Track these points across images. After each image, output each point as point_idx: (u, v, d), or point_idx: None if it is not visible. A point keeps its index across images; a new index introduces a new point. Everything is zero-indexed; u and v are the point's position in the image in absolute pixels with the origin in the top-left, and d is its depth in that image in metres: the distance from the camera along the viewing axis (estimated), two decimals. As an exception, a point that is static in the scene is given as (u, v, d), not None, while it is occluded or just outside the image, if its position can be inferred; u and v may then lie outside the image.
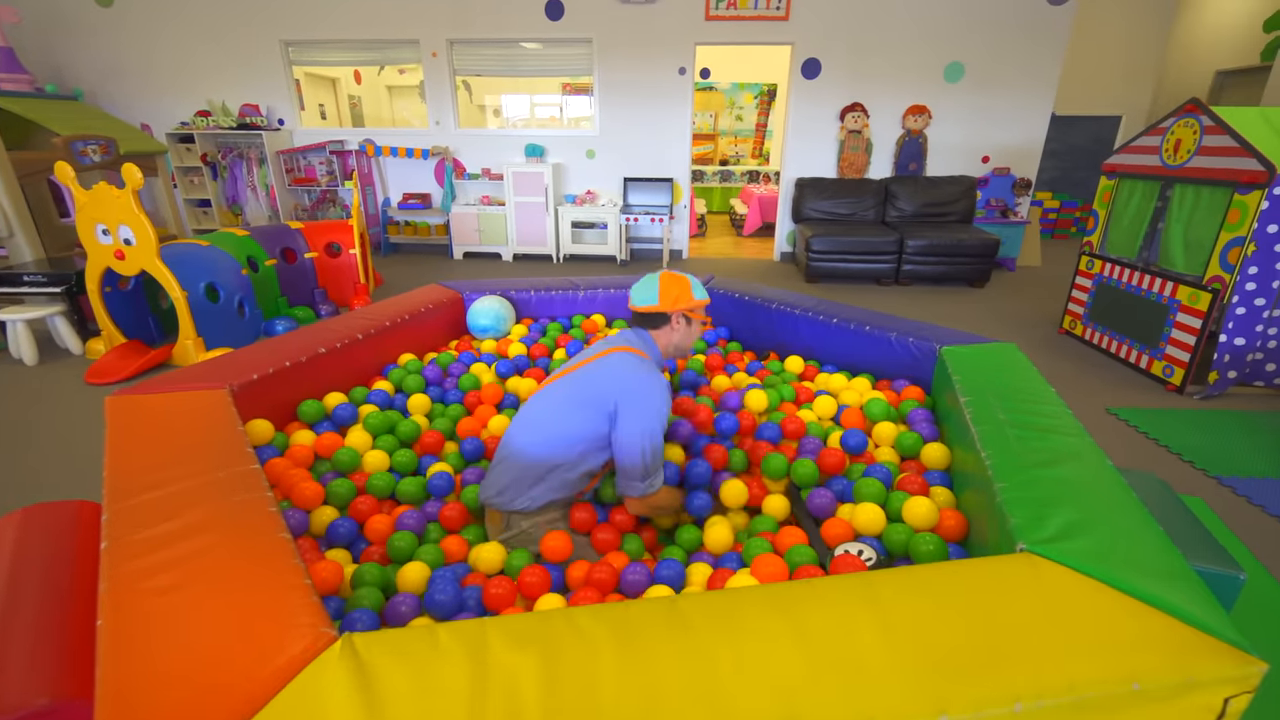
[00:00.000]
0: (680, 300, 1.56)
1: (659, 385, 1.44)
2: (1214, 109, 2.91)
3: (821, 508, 1.49)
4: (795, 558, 1.30)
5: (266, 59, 5.88)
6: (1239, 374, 2.96)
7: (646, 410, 1.41)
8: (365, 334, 2.07)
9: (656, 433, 1.41)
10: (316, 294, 4.25)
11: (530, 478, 1.46)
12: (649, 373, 1.46)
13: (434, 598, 1.20)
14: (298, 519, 1.41)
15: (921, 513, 1.35)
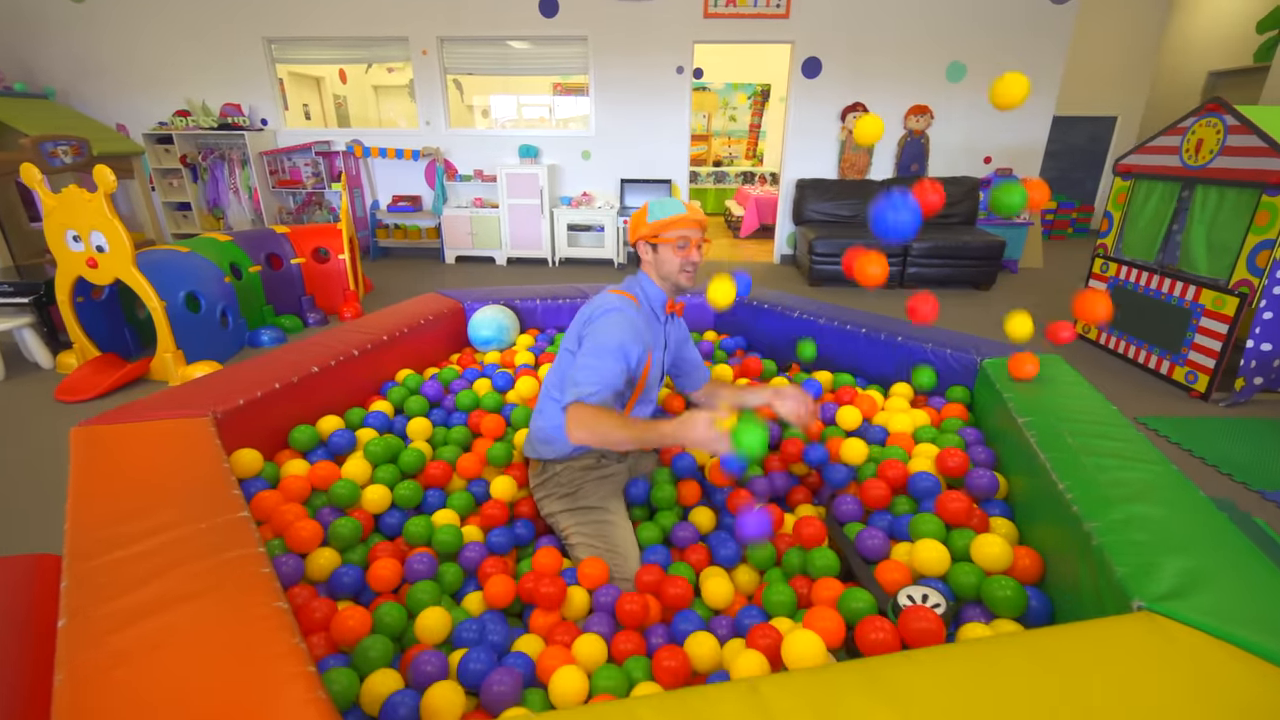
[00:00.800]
0: (637, 228, 1.47)
1: (613, 310, 1.39)
2: (1240, 108, 2.82)
3: (875, 549, 1.35)
4: (852, 605, 1.16)
5: (249, 57, 5.67)
6: (1265, 380, 2.88)
7: (594, 333, 1.37)
8: (361, 350, 1.91)
9: (602, 350, 1.33)
10: (304, 302, 4.06)
11: (551, 430, 1.49)
12: (606, 300, 1.42)
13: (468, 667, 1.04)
14: (292, 565, 1.25)
15: (995, 554, 1.21)
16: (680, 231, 1.42)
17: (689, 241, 1.43)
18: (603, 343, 1.34)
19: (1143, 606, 0.87)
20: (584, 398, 1.28)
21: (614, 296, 1.44)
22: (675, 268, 1.44)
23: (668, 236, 1.42)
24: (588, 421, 1.26)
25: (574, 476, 1.50)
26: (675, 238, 1.42)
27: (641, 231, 1.45)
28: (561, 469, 1.51)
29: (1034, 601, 1.14)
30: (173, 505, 1.06)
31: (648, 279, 1.50)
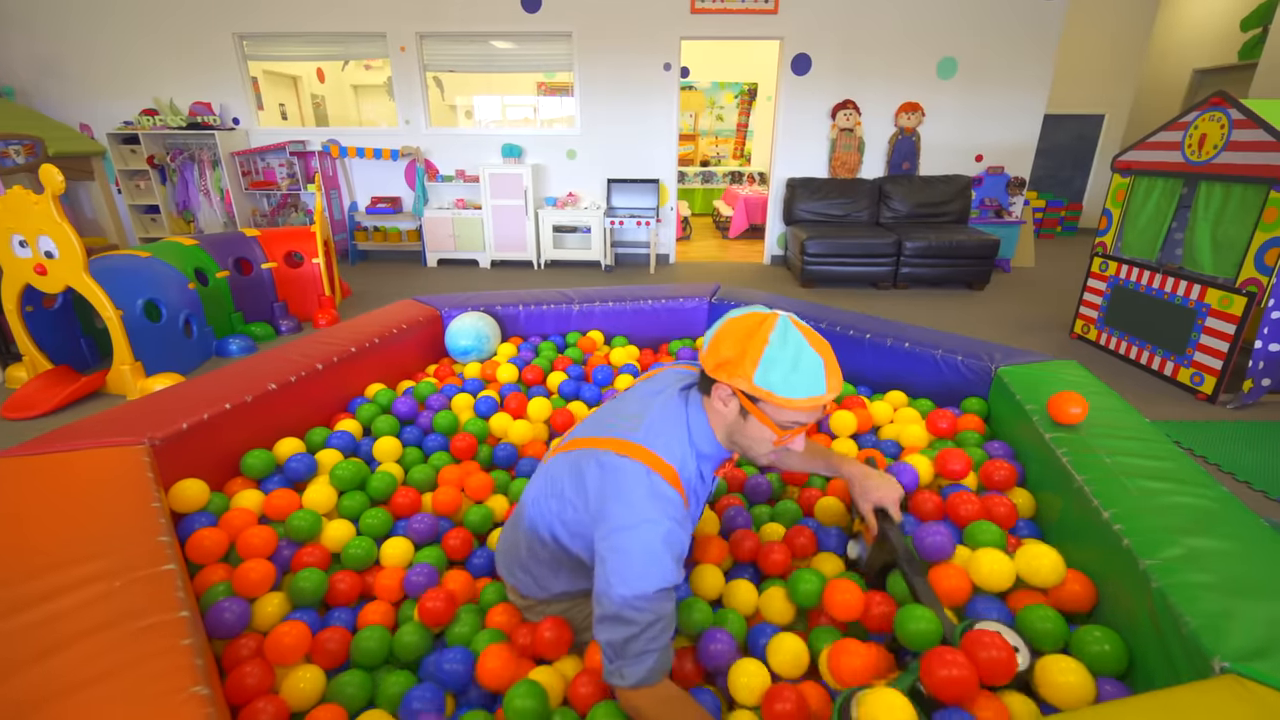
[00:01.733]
0: (730, 368, 0.89)
1: (645, 522, 0.88)
2: (1244, 101, 2.74)
3: (938, 547, 1.15)
4: (911, 627, 0.98)
5: (219, 54, 5.45)
6: (1274, 382, 2.80)
7: (624, 559, 0.88)
8: (326, 363, 1.74)
9: (634, 596, 0.86)
10: (276, 308, 3.87)
11: (535, 569, 1.11)
12: (629, 487, 0.90)
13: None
14: (237, 612, 1.09)
15: (1048, 565, 1.06)
16: (802, 417, 0.91)
17: (801, 428, 0.94)
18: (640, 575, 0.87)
19: (1226, 668, 0.74)
20: (632, 685, 0.86)
21: (643, 478, 0.90)
22: (763, 451, 0.96)
23: (777, 418, 0.90)
24: (634, 703, 0.88)
25: (562, 607, 1.14)
26: (785, 429, 0.92)
27: (739, 384, 0.89)
28: (556, 604, 1.14)
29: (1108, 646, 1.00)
30: (84, 559, 0.90)
31: (707, 431, 0.98)
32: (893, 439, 1.63)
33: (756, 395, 0.88)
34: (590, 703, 0.98)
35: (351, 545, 1.29)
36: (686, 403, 1.00)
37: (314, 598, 1.18)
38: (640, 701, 0.87)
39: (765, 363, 0.86)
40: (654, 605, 0.86)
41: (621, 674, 0.87)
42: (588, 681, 1.01)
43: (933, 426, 1.60)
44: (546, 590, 1.11)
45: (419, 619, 1.16)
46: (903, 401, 1.81)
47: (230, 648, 1.03)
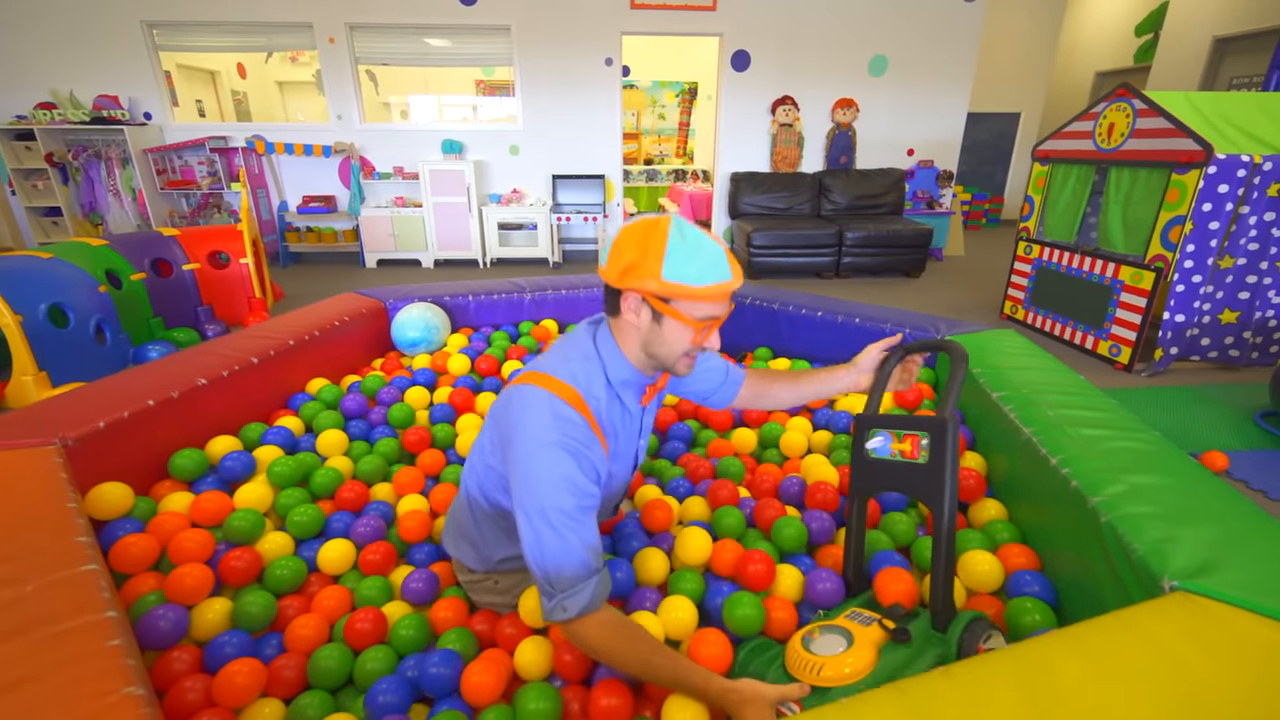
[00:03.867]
0: (636, 272, 0.86)
1: (547, 445, 0.86)
2: (1146, 92, 2.96)
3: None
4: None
5: (125, 43, 5.06)
6: (1181, 350, 3.04)
7: (530, 486, 0.86)
8: (262, 357, 1.63)
9: (551, 525, 0.84)
10: (201, 312, 3.62)
11: (475, 535, 1.08)
12: (532, 414, 0.88)
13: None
14: (172, 619, 0.99)
15: (983, 570, 1.09)
16: (713, 309, 0.90)
17: (714, 321, 0.91)
18: (548, 499, 0.84)
19: (1175, 586, 0.79)
20: (576, 614, 0.83)
21: (543, 401, 0.89)
22: (680, 352, 0.92)
23: (691, 312, 0.88)
24: (587, 645, 0.86)
25: (512, 581, 1.11)
26: (702, 320, 0.89)
27: (647, 285, 0.86)
28: (497, 577, 1.12)
29: (1037, 586, 1.05)
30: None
31: (616, 354, 0.95)
32: (846, 410, 1.67)
33: (667, 293, 0.86)
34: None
35: (281, 564, 1.18)
36: (595, 332, 0.98)
37: (261, 620, 1.07)
38: (586, 631, 0.84)
39: (670, 257, 0.85)
40: (575, 526, 0.85)
41: (564, 606, 0.83)
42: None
43: (900, 399, 1.64)
44: (488, 560, 1.08)
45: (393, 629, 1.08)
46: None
47: (164, 660, 0.93)
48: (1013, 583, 1.07)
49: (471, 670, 0.93)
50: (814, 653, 0.82)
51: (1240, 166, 2.70)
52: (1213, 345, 3.07)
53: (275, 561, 1.18)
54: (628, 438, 1.03)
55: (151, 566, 1.13)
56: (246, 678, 0.87)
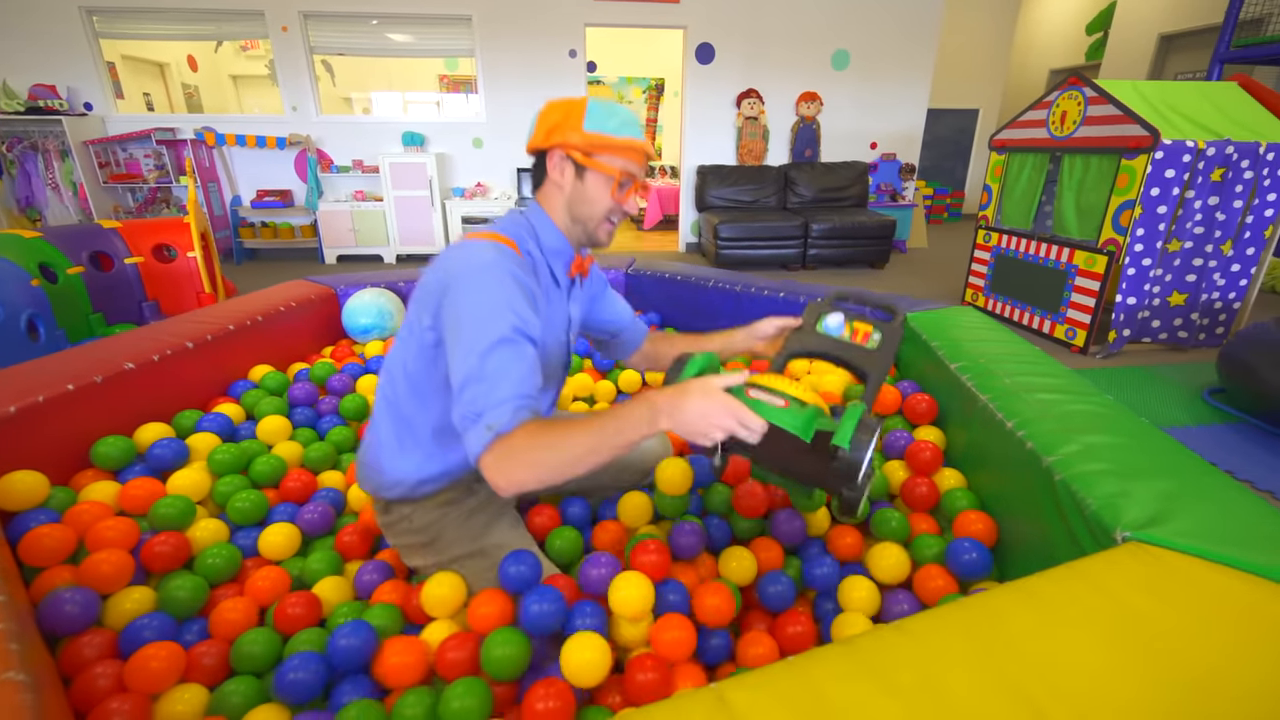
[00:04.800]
0: (559, 130, 0.92)
1: (488, 265, 0.86)
2: (1096, 81, 3.04)
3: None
4: None
5: (63, 30, 4.82)
6: (1133, 332, 3.13)
7: (470, 309, 0.83)
8: (198, 341, 1.54)
9: (491, 335, 0.81)
10: (145, 308, 3.46)
11: (385, 458, 1.02)
12: (472, 252, 0.88)
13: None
14: (81, 603, 0.91)
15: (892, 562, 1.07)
16: (629, 163, 0.95)
17: (633, 180, 0.97)
18: (487, 323, 0.82)
19: (1128, 537, 0.78)
20: (503, 429, 0.77)
21: (484, 244, 0.89)
22: (602, 211, 0.96)
23: (610, 163, 0.94)
24: (525, 459, 0.77)
25: (428, 519, 1.04)
26: (619, 170, 0.94)
27: (570, 139, 0.92)
28: (410, 510, 1.05)
29: (975, 554, 1.04)
30: None
31: (545, 219, 0.99)
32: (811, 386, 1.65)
33: (589, 145, 0.93)
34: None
35: (214, 551, 1.11)
36: (523, 209, 1.03)
37: (189, 606, 1.00)
38: (516, 442, 0.77)
39: (590, 114, 0.93)
40: (511, 354, 0.82)
41: (489, 425, 0.77)
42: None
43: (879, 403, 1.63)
44: (395, 477, 1.01)
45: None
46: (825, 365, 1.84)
47: (73, 645, 0.86)
48: (952, 549, 1.06)
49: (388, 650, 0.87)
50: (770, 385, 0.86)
51: (1185, 152, 2.78)
52: (1163, 327, 3.17)
53: (207, 549, 1.11)
54: (557, 317, 1.06)
55: (71, 559, 1.05)
56: (162, 662, 0.81)
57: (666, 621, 0.91)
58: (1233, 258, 3.07)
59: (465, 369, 0.80)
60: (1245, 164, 2.86)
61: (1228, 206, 2.95)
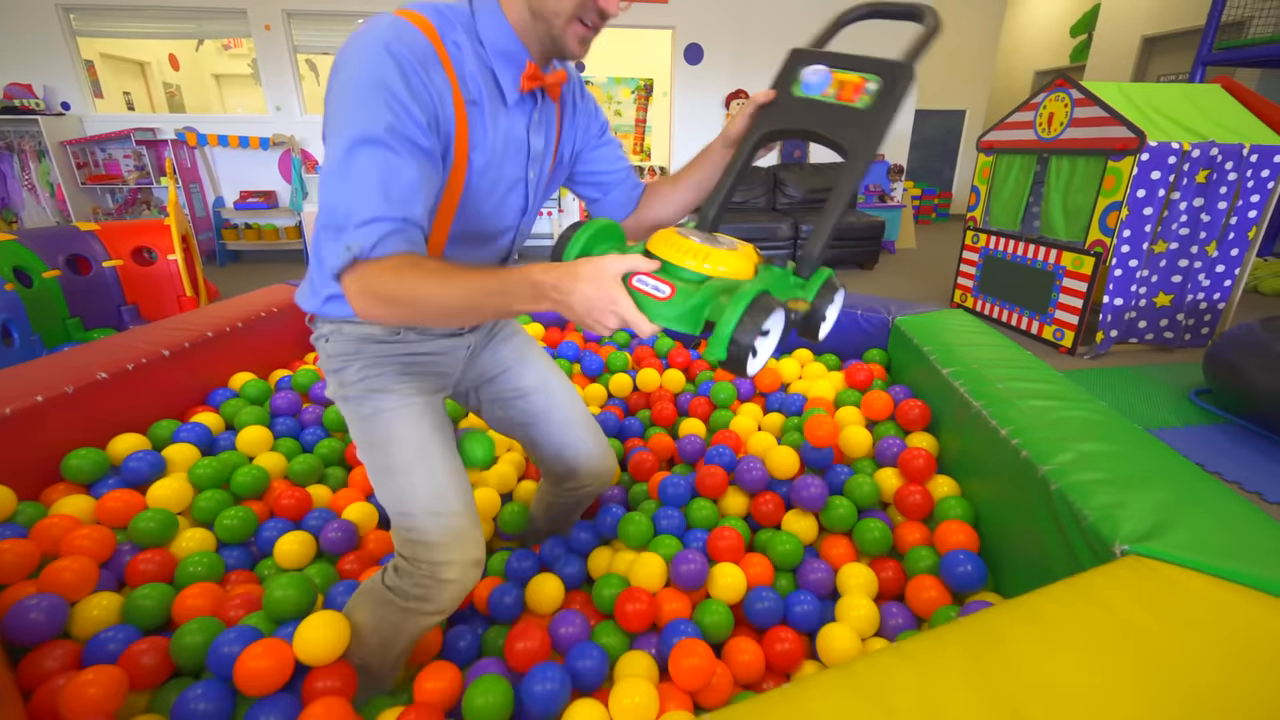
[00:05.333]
0: None
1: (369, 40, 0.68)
2: (1083, 83, 3.05)
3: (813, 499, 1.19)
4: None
5: (39, 29, 4.71)
6: (1120, 332, 3.15)
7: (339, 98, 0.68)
8: (175, 349, 1.50)
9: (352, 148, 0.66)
10: (125, 312, 3.38)
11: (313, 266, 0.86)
12: (367, 27, 0.69)
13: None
14: (45, 609, 0.89)
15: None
16: None
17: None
18: (354, 114, 0.67)
19: (1127, 550, 0.77)
20: (363, 254, 0.66)
21: (378, 21, 0.70)
22: (571, 6, 0.74)
23: None
24: (386, 294, 0.67)
25: (343, 347, 0.88)
26: None
27: None
28: (330, 331, 0.88)
29: (970, 566, 1.04)
30: None
31: (493, 8, 0.77)
32: (800, 393, 1.64)
33: None
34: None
35: (195, 559, 1.08)
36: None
37: (157, 615, 0.98)
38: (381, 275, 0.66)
39: None
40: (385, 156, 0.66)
41: (348, 245, 0.66)
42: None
43: (851, 379, 1.61)
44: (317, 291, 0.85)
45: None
46: (808, 358, 1.83)
47: (34, 656, 0.83)
48: (946, 562, 1.05)
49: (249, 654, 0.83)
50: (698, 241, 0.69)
51: (1171, 154, 2.80)
52: (1149, 328, 3.19)
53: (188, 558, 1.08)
54: (504, 142, 0.81)
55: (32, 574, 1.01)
56: (109, 679, 0.77)
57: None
58: (1217, 258, 3.10)
59: (326, 168, 0.68)
60: (1229, 165, 2.89)
61: (1212, 208, 2.98)
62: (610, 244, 0.74)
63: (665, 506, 1.26)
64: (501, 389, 1.05)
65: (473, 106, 0.77)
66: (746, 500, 1.31)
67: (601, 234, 0.74)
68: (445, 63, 0.73)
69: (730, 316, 0.61)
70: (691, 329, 0.65)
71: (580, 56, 0.80)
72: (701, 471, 1.31)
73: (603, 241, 0.74)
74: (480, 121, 0.78)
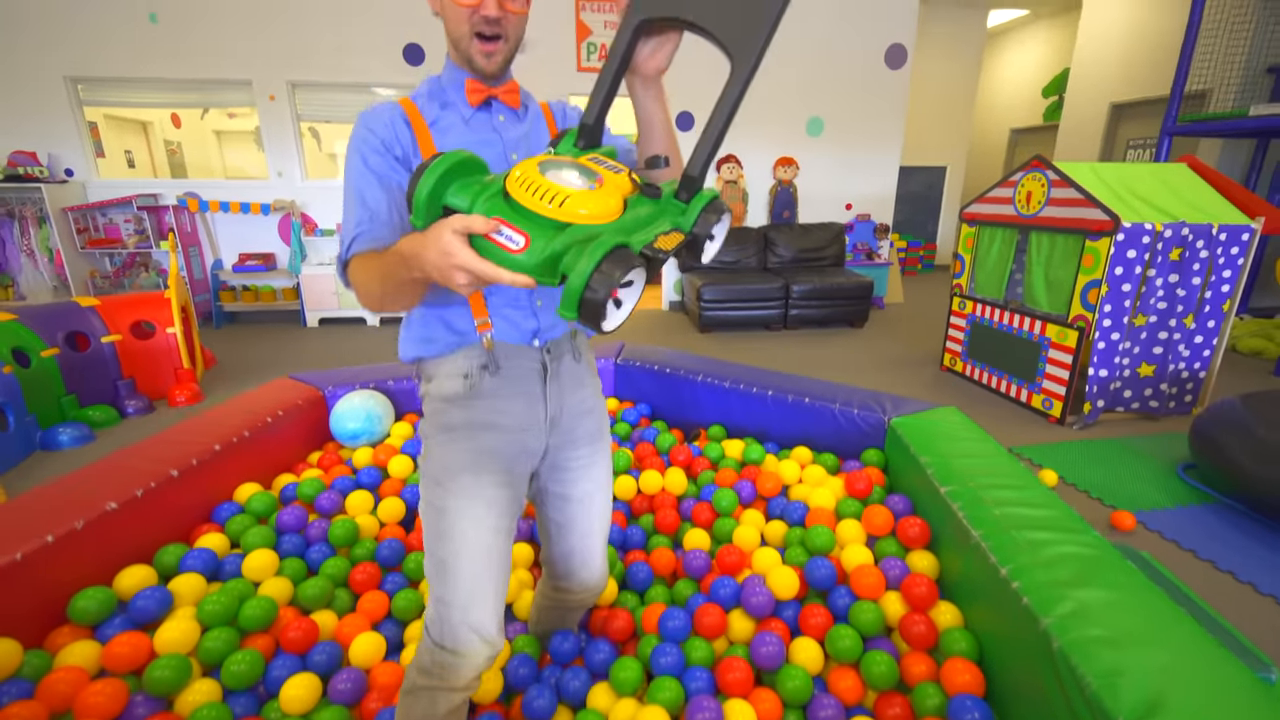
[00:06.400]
0: None
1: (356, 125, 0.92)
2: (1057, 164, 3.20)
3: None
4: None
5: (47, 99, 4.83)
6: (1107, 403, 3.22)
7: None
8: (184, 469, 1.51)
9: (346, 180, 0.91)
10: (121, 386, 3.38)
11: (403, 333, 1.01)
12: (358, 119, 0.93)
13: None
14: None
15: None
16: None
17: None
18: (348, 163, 0.92)
19: (1130, 731, 0.79)
20: (343, 255, 0.88)
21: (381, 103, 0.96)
22: (464, 27, 0.89)
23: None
24: (355, 283, 0.87)
25: (433, 406, 0.97)
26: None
27: None
28: (424, 391, 1.00)
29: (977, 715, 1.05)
30: None
31: (446, 58, 0.98)
32: (801, 501, 1.67)
33: None
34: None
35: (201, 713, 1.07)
36: None
37: None
38: (354, 274, 0.87)
39: None
40: (362, 183, 0.89)
41: (342, 252, 0.89)
42: None
43: (851, 487, 1.65)
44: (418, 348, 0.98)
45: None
46: (808, 458, 1.87)
47: None
48: (954, 708, 1.06)
49: None
50: (555, 181, 0.64)
51: (1145, 234, 2.93)
52: (1134, 397, 3.27)
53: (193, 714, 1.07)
54: (483, 144, 0.95)
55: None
56: None
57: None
58: (1195, 330, 3.21)
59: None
60: (1200, 244, 3.02)
61: (1187, 283, 3.09)
62: (465, 180, 0.67)
63: (665, 643, 1.26)
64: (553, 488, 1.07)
65: (433, 125, 0.95)
66: (752, 625, 1.32)
67: (453, 172, 0.67)
68: (408, 108, 0.94)
69: (581, 271, 0.57)
70: (544, 280, 0.62)
71: (490, 69, 0.94)
72: (700, 611, 1.31)
73: (456, 179, 0.67)
74: (444, 132, 0.95)
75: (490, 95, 0.97)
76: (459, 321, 0.94)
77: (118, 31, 4.74)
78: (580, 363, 1.05)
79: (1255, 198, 3.26)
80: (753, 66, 0.72)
